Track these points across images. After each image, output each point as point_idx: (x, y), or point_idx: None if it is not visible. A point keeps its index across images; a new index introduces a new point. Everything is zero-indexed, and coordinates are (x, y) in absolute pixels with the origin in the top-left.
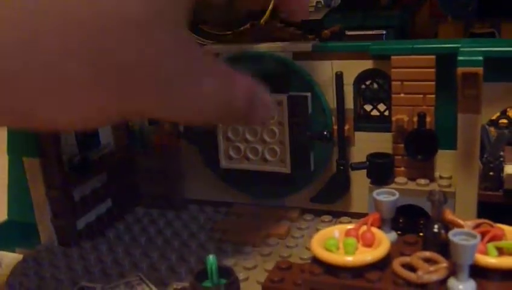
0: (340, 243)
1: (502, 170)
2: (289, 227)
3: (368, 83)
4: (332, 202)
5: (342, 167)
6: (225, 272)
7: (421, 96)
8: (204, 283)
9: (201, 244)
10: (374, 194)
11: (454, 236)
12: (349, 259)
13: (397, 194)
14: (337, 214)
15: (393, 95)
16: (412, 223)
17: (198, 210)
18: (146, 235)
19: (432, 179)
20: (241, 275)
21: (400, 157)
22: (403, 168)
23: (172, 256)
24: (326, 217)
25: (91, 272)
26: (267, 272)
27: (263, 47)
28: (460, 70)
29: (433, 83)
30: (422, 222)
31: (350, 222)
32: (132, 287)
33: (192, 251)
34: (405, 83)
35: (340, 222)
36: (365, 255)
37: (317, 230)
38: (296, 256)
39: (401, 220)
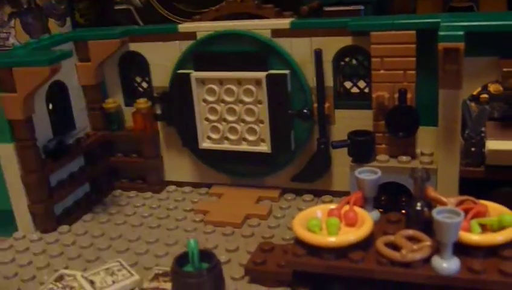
0: (322, 223)
1: (483, 145)
2: (270, 207)
3: (347, 59)
4: (313, 181)
5: (322, 146)
6: (207, 255)
7: (402, 72)
8: (186, 267)
9: (182, 227)
10: (356, 172)
11: (438, 214)
12: (332, 240)
13: (379, 172)
14: (319, 192)
15: (373, 72)
16: (394, 201)
17: (178, 192)
18: (125, 218)
19: (414, 156)
20: (222, 258)
21: (380, 134)
22: (384, 146)
23: (152, 239)
24: (308, 196)
25: (70, 259)
26: (249, 254)
27: (240, 25)
28: (441, 45)
29: (414, 58)
30: (404, 199)
31: (332, 201)
32: (113, 273)
33: (172, 233)
34: (385, 59)
35: (322, 201)
36: (348, 235)
37: (299, 210)
38: (278, 237)
39: (383, 198)
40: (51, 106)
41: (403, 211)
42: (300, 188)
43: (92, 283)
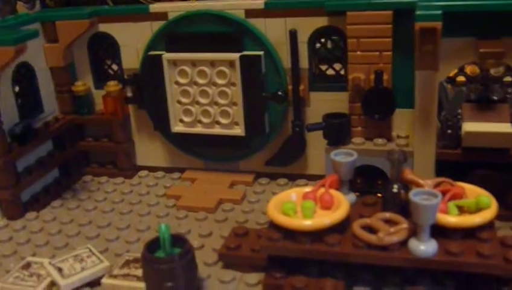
0: (297, 206)
1: (459, 127)
2: (244, 192)
3: (322, 40)
4: (288, 164)
5: (297, 129)
6: (178, 240)
7: (378, 53)
8: (157, 253)
9: (154, 212)
10: (332, 154)
11: (415, 196)
12: (307, 223)
13: (355, 155)
14: (293, 176)
15: (349, 53)
16: (370, 184)
17: (150, 177)
18: (96, 204)
19: (390, 139)
20: (195, 243)
21: (356, 117)
22: (359, 128)
23: (124, 225)
24: (282, 180)
25: (38, 246)
26: (223, 239)
27: (213, 5)
28: (418, 25)
29: (390, 39)
30: (380, 182)
31: (307, 185)
32: (82, 260)
33: (144, 219)
34: (361, 40)
35: (297, 185)
36: (324, 219)
37: (273, 194)
38: (252, 221)
39: (358, 181)
40: (17, 89)
41: (379, 194)
42: (275, 172)
43: (60, 270)
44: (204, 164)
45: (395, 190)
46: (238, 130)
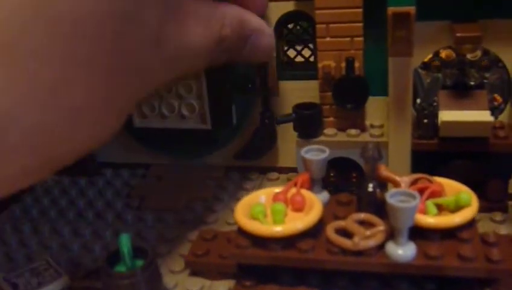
0: (267, 208)
1: (436, 116)
2: (213, 188)
3: (290, 26)
4: (257, 157)
5: (266, 120)
6: (141, 251)
7: (349, 39)
8: (118, 266)
9: (118, 215)
10: (302, 152)
11: (391, 197)
12: (278, 229)
13: (327, 151)
14: (264, 169)
15: (318, 39)
16: (344, 176)
17: (113, 175)
18: (56, 208)
19: (363, 129)
20: (162, 249)
21: (328, 106)
22: (331, 119)
23: (86, 231)
24: (253, 175)
25: None
26: (190, 243)
27: None
28: (390, 10)
29: (361, 24)
30: (354, 175)
31: (278, 178)
32: (38, 273)
33: (107, 223)
34: (331, 25)
35: (268, 179)
36: (296, 223)
37: (244, 190)
38: (222, 221)
39: (332, 175)
40: None
41: (353, 188)
42: (245, 165)
43: (15, 286)
44: (170, 160)
45: (370, 189)
46: (204, 124)
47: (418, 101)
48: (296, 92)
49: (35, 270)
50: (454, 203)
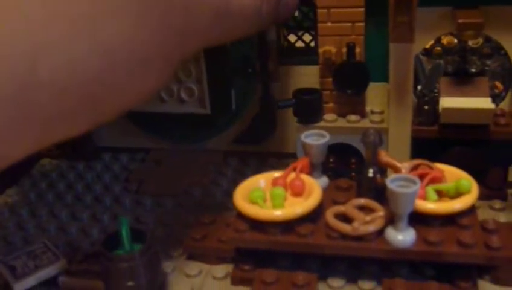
0: (266, 193)
1: (437, 103)
2: (212, 173)
3: None
4: (257, 143)
5: (266, 106)
6: (140, 234)
7: (350, 24)
8: (117, 249)
9: (116, 199)
10: (302, 137)
11: (392, 183)
12: (277, 213)
13: (327, 136)
14: (264, 155)
15: (319, 24)
16: (343, 162)
17: (111, 159)
18: (54, 191)
19: (363, 115)
20: (160, 233)
21: (328, 92)
22: (331, 104)
23: (84, 215)
24: (252, 160)
25: None
26: (189, 228)
27: None
28: None
29: (363, 9)
30: (354, 161)
31: (277, 164)
32: (36, 256)
33: (105, 207)
34: (332, 10)
35: (267, 164)
36: (295, 208)
37: (243, 175)
38: (221, 206)
39: (331, 160)
40: None
41: (353, 174)
42: (244, 150)
43: (12, 269)
44: (169, 144)
45: (370, 175)
46: (203, 108)
47: (419, 87)
48: (297, 77)
49: (33, 253)
50: (454, 189)
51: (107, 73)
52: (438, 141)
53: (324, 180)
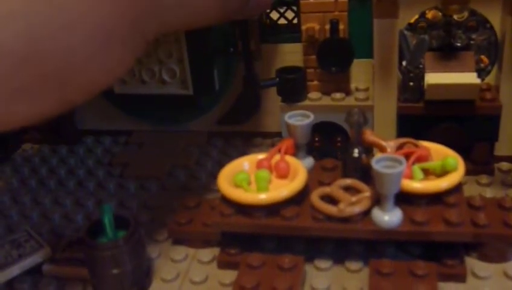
0: (251, 175)
1: (422, 79)
2: (196, 154)
3: None
4: (241, 122)
5: (249, 85)
6: (123, 221)
7: (333, 0)
8: (100, 236)
9: (100, 183)
10: (286, 117)
11: (377, 163)
12: (262, 197)
13: (312, 116)
14: (248, 135)
15: (301, 1)
16: (329, 140)
17: (94, 142)
18: (36, 177)
19: (348, 92)
20: (145, 217)
21: (312, 70)
22: (316, 82)
23: (67, 201)
24: (237, 140)
25: None
26: (174, 211)
27: None
28: None
29: None
30: (339, 139)
31: (262, 144)
32: (19, 245)
33: (89, 192)
34: None
35: (252, 144)
36: (280, 191)
37: (228, 156)
38: (205, 188)
39: (316, 139)
40: None
41: (339, 154)
42: (229, 131)
43: None
44: (152, 126)
45: (355, 155)
46: (186, 90)
47: (404, 63)
48: (280, 56)
49: (16, 242)
50: (440, 167)
51: (71, 47)
52: (424, 117)
53: (309, 160)
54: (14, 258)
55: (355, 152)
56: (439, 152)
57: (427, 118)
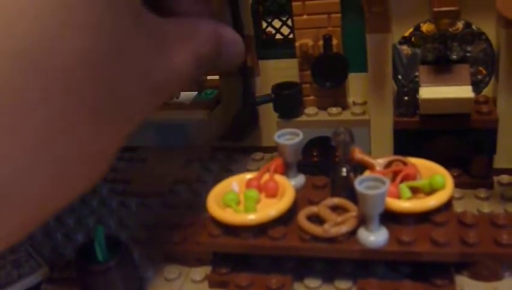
0: (240, 195)
1: (417, 93)
2: (198, 170)
3: (268, 3)
4: (241, 138)
5: (247, 101)
6: (116, 241)
7: (326, 16)
8: (94, 257)
9: (102, 201)
10: (275, 137)
11: (360, 184)
12: (250, 217)
13: (301, 135)
14: (249, 150)
15: (295, 18)
16: (326, 155)
17: None
18: None
19: (345, 107)
20: (142, 236)
21: (308, 85)
22: (312, 97)
23: (69, 219)
24: (238, 155)
25: None
26: (171, 229)
27: None
28: None
29: (338, 0)
30: (337, 154)
31: (262, 158)
32: (19, 265)
33: (91, 209)
34: (307, 2)
35: (253, 159)
36: (268, 211)
37: (229, 171)
38: (205, 205)
39: (314, 154)
40: None
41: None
42: (230, 146)
43: None
44: (156, 142)
45: (343, 174)
46: None
47: (399, 77)
48: (277, 71)
49: (17, 262)
50: (428, 186)
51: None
52: (420, 131)
53: (300, 179)
54: (14, 278)
55: (343, 171)
56: (428, 169)
57: (423, 132)
